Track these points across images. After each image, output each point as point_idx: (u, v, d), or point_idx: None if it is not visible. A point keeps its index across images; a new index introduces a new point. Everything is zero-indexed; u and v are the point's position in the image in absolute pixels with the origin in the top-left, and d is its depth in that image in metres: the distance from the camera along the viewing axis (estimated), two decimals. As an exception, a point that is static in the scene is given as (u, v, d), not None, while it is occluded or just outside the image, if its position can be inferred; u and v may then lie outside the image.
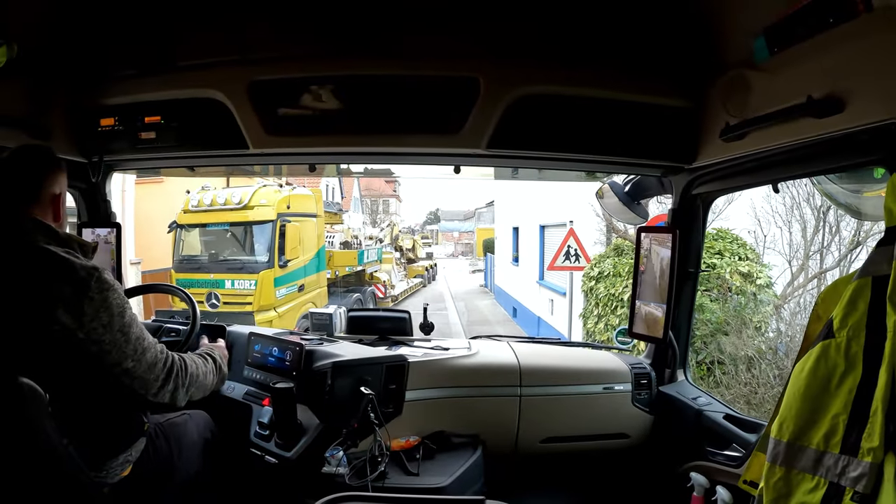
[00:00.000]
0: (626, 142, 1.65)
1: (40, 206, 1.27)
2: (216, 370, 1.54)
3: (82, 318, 1.18)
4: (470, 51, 1.56)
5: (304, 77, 1.60)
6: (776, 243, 5.42)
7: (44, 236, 1.23)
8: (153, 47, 1.64)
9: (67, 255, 1.23)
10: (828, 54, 1.10)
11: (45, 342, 1.18)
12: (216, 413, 1.78)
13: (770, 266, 5.25)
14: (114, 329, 1.22)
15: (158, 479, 1.45)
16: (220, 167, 2.34)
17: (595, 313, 6.49)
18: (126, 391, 1.30)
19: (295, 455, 1.70)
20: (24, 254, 1.20)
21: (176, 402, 1.38)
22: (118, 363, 1.25)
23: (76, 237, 1.31)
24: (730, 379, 4.38)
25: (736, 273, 4.97)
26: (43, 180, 1.28)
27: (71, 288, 1.18)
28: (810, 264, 5.19)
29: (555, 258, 6.94)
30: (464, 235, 41.89)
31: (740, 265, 5.06)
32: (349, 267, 12.85)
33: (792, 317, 4.78)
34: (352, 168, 2.26)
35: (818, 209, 5.17)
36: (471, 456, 1.87)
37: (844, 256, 4.98)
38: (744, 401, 4.16)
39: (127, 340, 1.25)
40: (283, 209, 8.62)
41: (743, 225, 5.44)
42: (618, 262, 6.40)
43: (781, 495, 1.06)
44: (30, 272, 1.18)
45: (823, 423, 1.02)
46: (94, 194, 2.02)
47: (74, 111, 1.73)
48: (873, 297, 0.99)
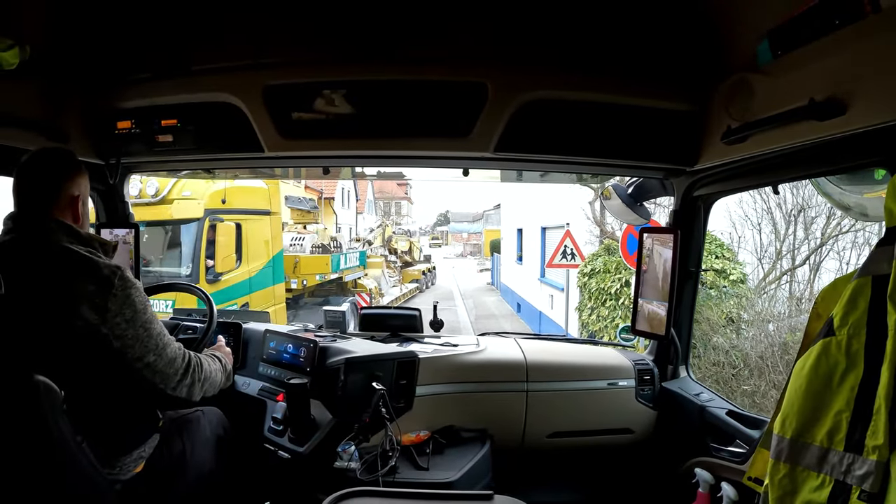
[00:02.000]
0: (629, 145, 1.68)
1: (60, 207, 1.30)
2: (223, 369, 1.60)
3: (106, 314, 1.22)
4: (478, 57, 1.59)
5: (317, 82, 1.64)
6: (747, 244, 5.88)
7: (66, 236, 1.27)
8: (169, 51, 1.67)
9: (90, 254, 1.27)
10: (831, 57, 1.11)
11: (67, 338, 1.21)
12: (233, 409, 1.82)
13: (744, 264, 5.80)
14: (136, 325, 1.27)
15: (171, 475, 1.47)
16: (235, 169, 2.38)
17: (588, 306, 7.23)
18: (147, 385, 1.34)
19: (308, 450, 1.73)
20: (47, 253, 1.23)
21: (192, 396, 1.43)
22: (141, 357, 1.29)
23: (97, 237, 1.35)
24: (697, 360, 4.81)
25: (711, 270, 5.53)
26: (63, 182, 1.31)
27: (95, 285, 1.22)
28: (783, 263, 5.65)
29: (553, 257, 7.41)
30: (472, 236, 42.07)
31: (714, 262, 5.62)
32: (321, 275, 10.87)
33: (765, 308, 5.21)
34: (365, 171, 2.30)
35: (788, 213, 5.62)
36: (479, 450, 1.91)
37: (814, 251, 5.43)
38: (712, 379, 4.63)
39: (149, 336, 1.29)
40: (215, 204, 6.47)
41: (721, 227, 5.87)
42: (608, 260, 7.15)
43: (787, 492, 1.06)
44: (53, 270, 1.22)
45: (826, 420, 1.02)
46: (112, 196, 2.06)
47: (91, 114, 1.77)
48: (873, 296, 1.00)
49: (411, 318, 2.33)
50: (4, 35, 1.32)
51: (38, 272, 1.21)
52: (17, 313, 1.18)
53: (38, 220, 1.27)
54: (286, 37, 1.62)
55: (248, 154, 1.76)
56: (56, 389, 1.11)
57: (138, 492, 1.38)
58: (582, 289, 7.51)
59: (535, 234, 12.88)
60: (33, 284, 1.20)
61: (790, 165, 1.44)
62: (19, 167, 1.31)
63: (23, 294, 1.18)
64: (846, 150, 1.23)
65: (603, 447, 2.14)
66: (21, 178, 1.31)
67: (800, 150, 1.32)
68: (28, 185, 1.30)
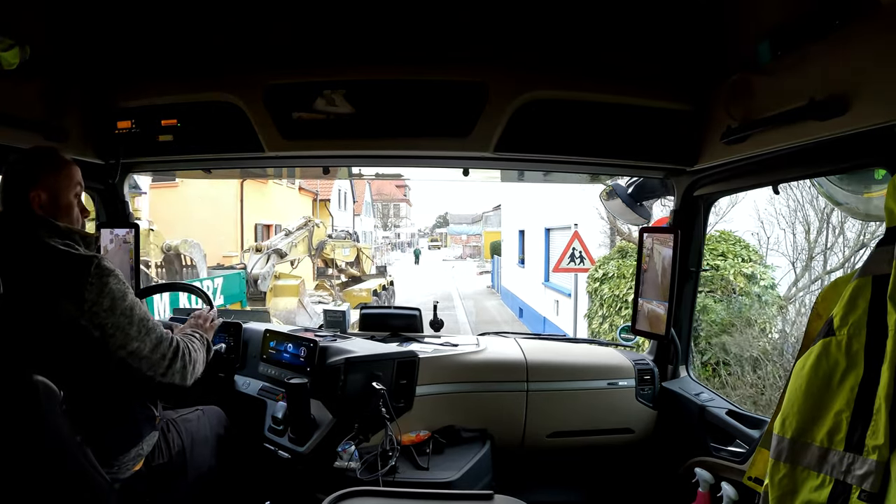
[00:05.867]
0: (629, 145, 1.69)
1: (42, 204, 1.28)
2: (201, 342, 1.51)
3: (83, 304, 1.20)
4: (478, 57, 1.60)
5: (317, 82, 1.65)
6: (779, 245, 5.41)
7: (46, 231, 1.26)
8: (169, 51, 1.67)
9: (66, 247, 1.26)
10: (830, 57, 1.11)
11: (54, 334, 1.20)
12: (233, 409, 1.82)
13: (773, 267, 5.25)
14: (116, 313, 1.24)
15: (171, 474, 1.46)
16: (235, 169, 2.39)
17: (599, 314, 6.60)
18: (136, 375, 1.31)
19: (308, 450, 1.74)
20: (26, 249, 1.23)
21: (185, 380, 1.38)
22: (123, 346, 1.26)
23: (78, 230, 1.33)
24: (735, 380, 4.37)
25: (740, 275, 4.96)
26: (44, 179, 1.29)
27: (70, 277, 1.21)
28: (814, 265, 5.19)
29: (559, 260, 6.94)
30: (471, 238, 42.18)
31: (744, 266, 5.07)
32: None
33: (797, 317, 4.75)
34: (364, 171, 2.31)
35: (822, 211, 5.18)
36: (479, 450, 1.91)
37: (848, 258, 4.98)
38: (751, 402, 4.15)
39: (130, 323, 1.26)
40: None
41: (746, 227, 5.43)
42: (622, 263, 6.50)
43: (787, 492, 1.06)
44: (32, 267, 1.22)
45: (826, 420, 1.02)
46: (112, 196, 2.06)
47: (91, 114, 1.77)
48: (874, 296, 0.99)
49: (411, 318, 2.34)
50: (4, 35, 1.32)
51: (19, 269, 1.21)
52: (13, 312, 1.18)
53: (17, 218, 1.27)
54: (286, 37, 1.63)
55: (248, 154, 1.77)
56: (55, 389, 1.11)
57: (137, 490, 1.37)
58: (592, 295, 6.91)
59: (538, 236, 12.39)
60: (16, 282, 1.19)
61: (790, 165, 1.44)
62: (5, 166, 1.32)
63: (15, 292, 1.18)
64: (846, 150, 1.23)
65: (603, 447, 2.14)
66: (5, 176, 1.31)
67: (800, 150, 1.32)
68: (10, 184, 1.30)
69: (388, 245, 37.59)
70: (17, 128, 1.50)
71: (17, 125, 1.50)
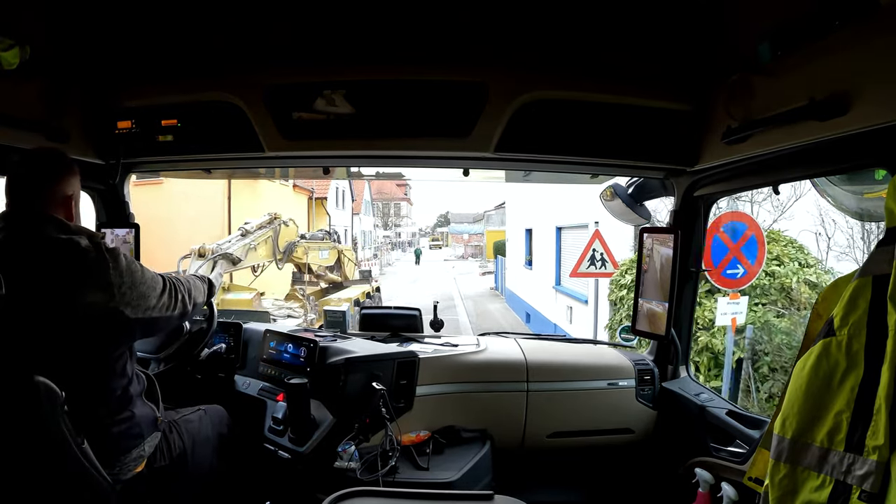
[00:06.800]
0: (629, 145, 1.69)
1: (52, 206, 1.31)
2: (205, 289, 1.69)
3: (111, 288, 1.26)
4: (478, 57, 1.60)
5: (317, 82, 1.64)
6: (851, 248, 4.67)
7: (55, 229, 1.27)
8: (169, 51, 1.67)
9: (78, 241, 1.27)
10: (831, 57, 1.11)
11: (72, 327, 1.21)
12: (233, 409, 1.82)
13: (835, 273, 4.50)
14: (137, 284, 1.32)
15: (172, 474, 1.47)
16: (236, 169, 2.39)
17: (625, 325, 5.78)
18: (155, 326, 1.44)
19: (308, 450, 1.74)
20: (38, 247, 1.24)
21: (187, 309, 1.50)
22: (146, 308, 1.34)
23: (86, 229, 1.35)
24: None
25: (804, 283, 4.09)
26: (55, 182, 1.33)
27: (91, 269, 1.24)
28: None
29: (578, 264, 5.90)
30: (473, 237, 42.14)
31: (806, 273, 4.17)
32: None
33: None
34: (364, 171, 2.31)
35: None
36: (480, 450, 1.91)
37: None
38: None
39: (146, 284, 1.36)
40: None
41: (800, 226, 4.73)
42: None
43: (787, 492, 1.06)
44: (45, 263, 1.22)
45: (827, 421, 1.02)
46: (113, 196, 2.06)
47: (92, 114, 1.77)
48: (874, 296, 0.99)
49: (411, 318, 2.34)
50: (4, 35, 1.32)
51: (31, 267, 1.22)
52: (16, 312, 1.18)
53: (29, 217, 1.28)
54: (286, 37, 1.63)
55: (249, 154, 1.77)
56: (57, 390, 1.12)
57: (139, 491, 1.38)
58: (615, 303, 5.81)
59: (548, 235, 11.51)
60: (28, 280, 1.20)
61: (791, 165, 1.44)
62: (12, 167, 1.32)
63: (19, 291, 1.18)
64: (846, 150, 1.23)
65: (603, 447, 2.14)
66: (13, 177, 1.32)
67: (800, 150, 1.32)
68: (20, 185, 1.31)
69: (389, 244, 37.56)
70: (18, 128, 1.50)
71: (17, 125, 1.50)
